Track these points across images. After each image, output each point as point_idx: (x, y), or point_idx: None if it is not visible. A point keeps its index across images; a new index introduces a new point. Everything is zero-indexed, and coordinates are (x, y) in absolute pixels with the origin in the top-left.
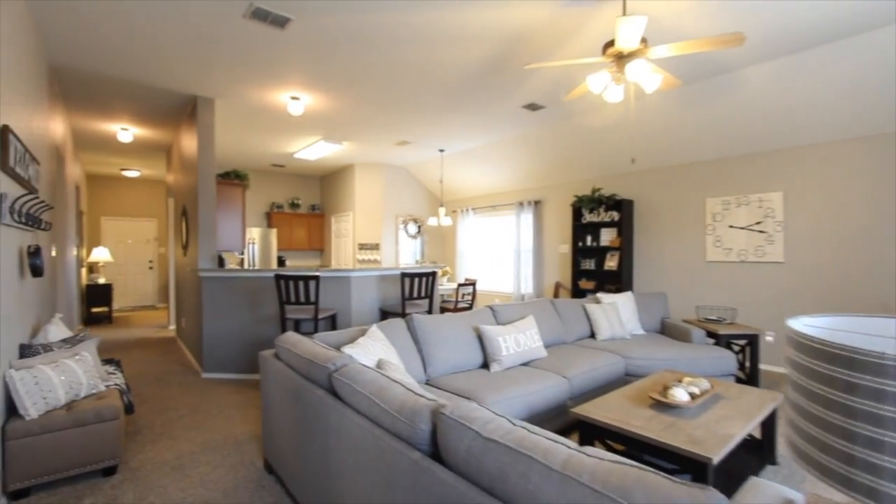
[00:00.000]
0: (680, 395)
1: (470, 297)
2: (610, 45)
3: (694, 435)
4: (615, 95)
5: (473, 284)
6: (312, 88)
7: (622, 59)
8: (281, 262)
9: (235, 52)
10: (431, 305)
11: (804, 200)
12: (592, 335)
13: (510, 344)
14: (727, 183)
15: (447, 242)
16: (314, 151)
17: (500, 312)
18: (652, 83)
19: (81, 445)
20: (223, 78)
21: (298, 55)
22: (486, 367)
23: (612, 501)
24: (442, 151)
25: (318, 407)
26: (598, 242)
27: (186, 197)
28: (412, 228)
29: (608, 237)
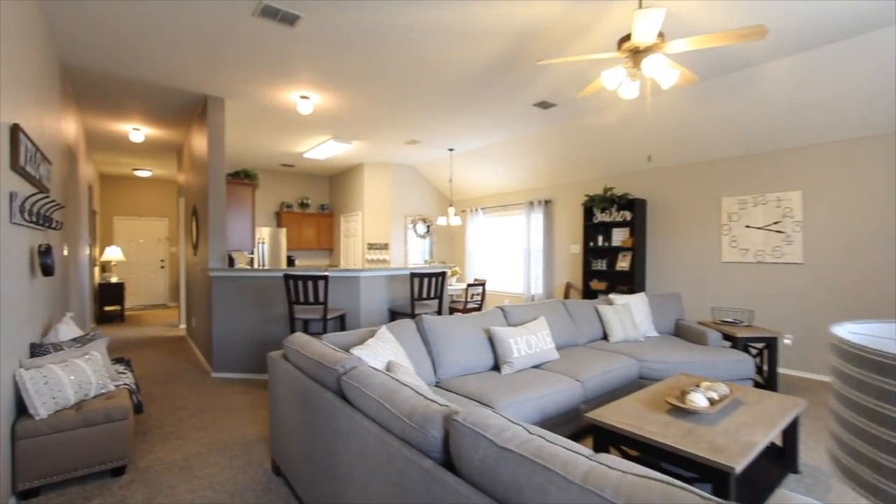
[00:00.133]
0: (698, 400)
1: (479, 297)
2: (625, 39)
3: (714, 442)
4: (630, 92)
5: (483, 285)
6: (322, 87)
7: (638, 54)
8: (290, 261)
9: (245, 50)
10: (441, 306)
11: (824, 200)
12: (605, 337)
13: (521, 346)
14: (744, 182)
15: (456, 242)
16: (323, 151)
17: (510, 313)
18: (669, 79)
19: (90, 445)
20: (233, 77)
21: (307, 53)
22: (496, 369)
23: None
24: (451, 151)
25: (326, 410)
26: (609, 242)
27: (197, 196)
28: (421, 228)
29: (620, 237)
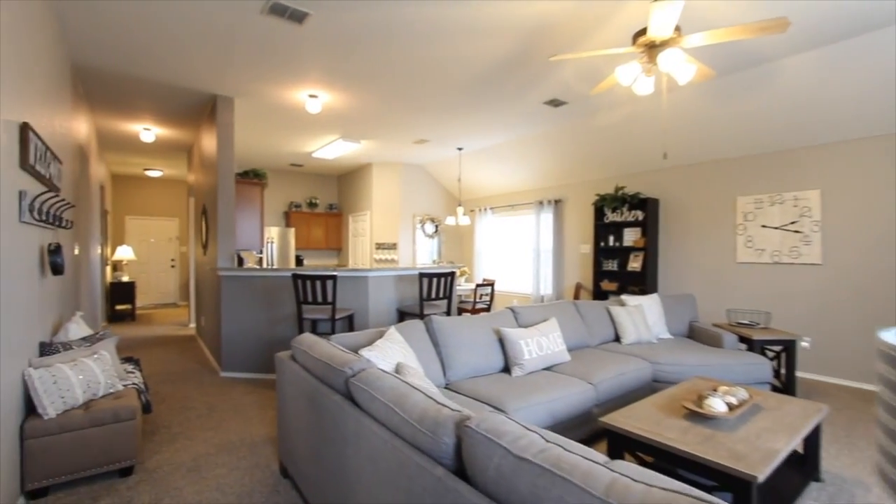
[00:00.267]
0: (717, 405)
1: (488, 297)
2: (641, 33)
3: (735, 450)
4: (645, 88)
5: (492, 285)
6: (330, 86)
7: (654, 48)
8: (299, 261)
9: (254, 49)
10: (450, 306)
11: (844, 199)
12: (617, 339)
13: (532, 348)
14: (760, 180)
15: (465, 242)
16: (332, 150)
17: (521, 314)
18: (685, 74)
19: (99, 445)
20: (242, 76)
21: (316, 51)
22: (507, 371)
23: None
24: (460, 150)
25: (334, 413)
26: (621, 243)
27: (206, 196)
28: (429, 228)
29: (632, 237)
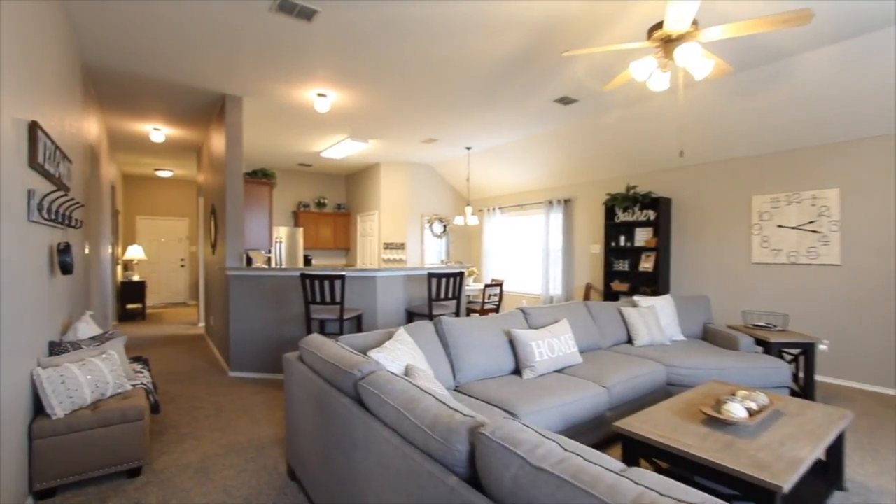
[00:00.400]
0: (737, 410)
1: (497, 298)
2: (657, 28)
3: (757, 457)
4: (660, 83)
5: (500, 285)
6: (339, 84)
7: (670, 42)
8: (307, 261)
9: (262, 47)
10: (459, 307)
11: (864, 198)
12: (629, 341)
13: (544, 350)
14: (776, 179)
15: (473, 242)
16: (340, 150)
17: (531, 315)
18: (702, 69)
19: (106, 446)
20: (251, 75)
21: (325, 49)
22: (517, 373)
23: None
24: (469, 149)
25: (343, 416)
26: (632, 243)
27: (215, 196)
28: (438, 228)
29: (643, 237)
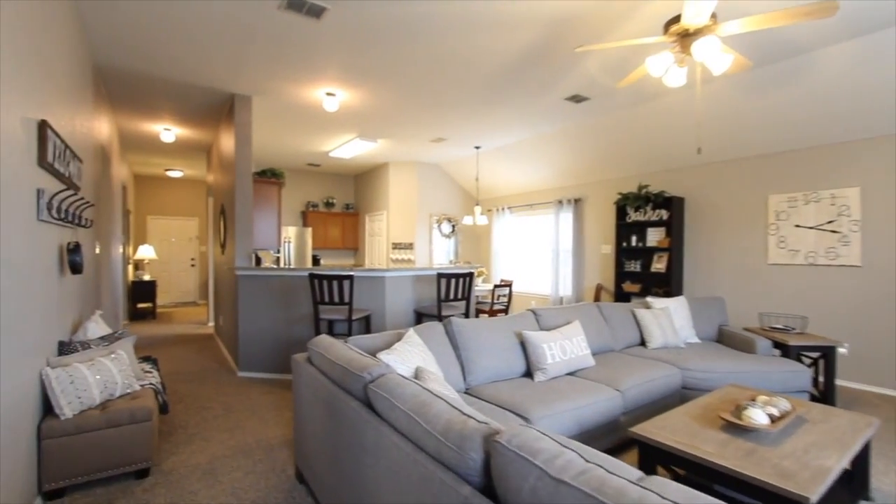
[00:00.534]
0: (758, 416)
1: (506, 298)
2: (674, 22)
3: (781, 466)
4: (677, 79)
5: (509, 286)
6: (348, 83)
7: (687, 37)
8: (316, 261)
9: (271, 46)
10: (468, 308)
11: (886, 197)
12: (642, 343)
13: (556, 352)
14: (794, 178)
15: (482, 242)
16: (349, 150)
17: (543, 317)
18: (721, 64)
19: (115, 447)
20: (260, 74)
21: (333, 47)
22: (529, 375)
23: None
24: (478, 148)
25: (352, 420)
26: (644, 243)
27: (225, 196)
28: (446, 228)
29: (655, 237)
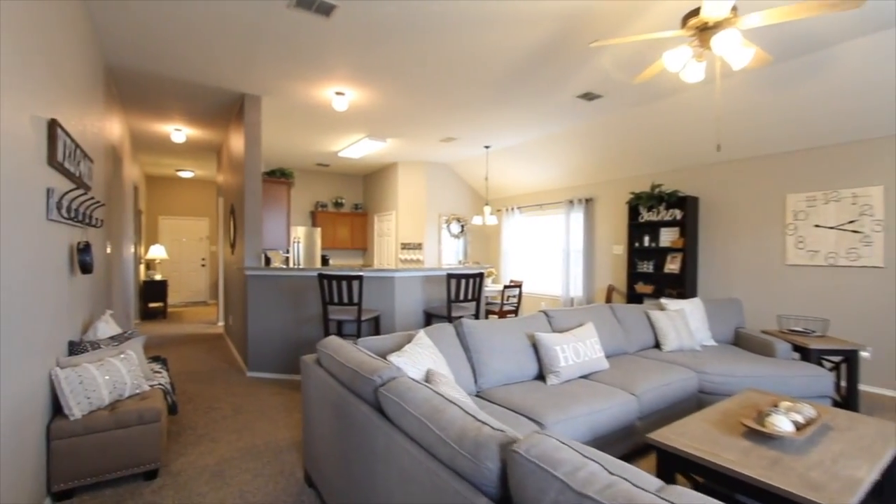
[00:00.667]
0: (782, 423)
1: (515, 299)
2: (692, 15)
3: (808, 477)
4: (695, 74)
5: (519, 286)
6: (357, 82)
7: (706, 31)
8: (325, 261)
9: (281, 45)
10: (479, 308)
11: None
12: (657, 345)
13: (569, 354)
14: (813, 176)
15: (491, 242)
16: (358, 149)
17: (555, 318)
18: (741, 58)
19: (123, 448)
20: (269, 73)
21: (343, 46)
22: (541, 378)
23: None
24: (487, 148)
25: (362, 424)
26: (657, 243)
27: (234, 196)
28: (455, 228)
29: (669, 237)
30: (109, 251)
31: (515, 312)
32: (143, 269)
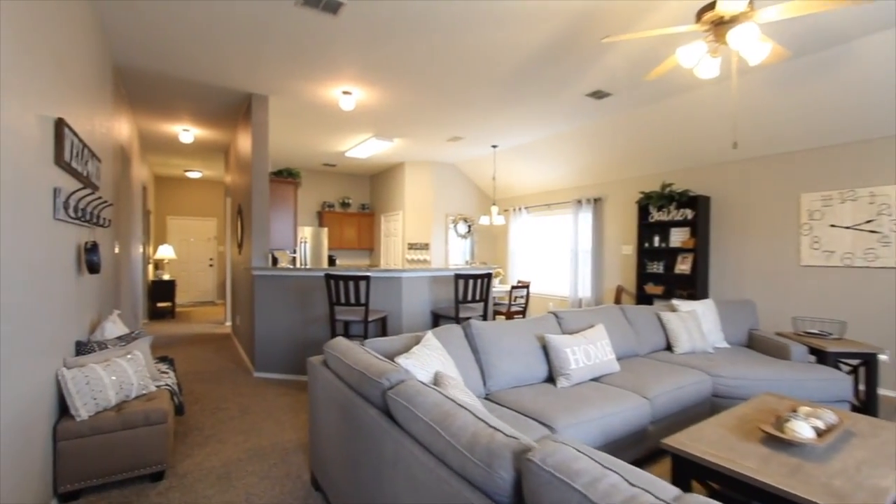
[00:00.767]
0: (803, 429)
1: (523, 300)
2: (708, 9)
3: (832, 486)
4: (709, 71)
5: (527, 287)
6: (364, 81)
7: (722, 25)
8: (331, 261)
9: (288, 43)
10: (486, 309)
11: None
12: (668, 347)
13: (580, 356)
14: (828, 175)
15: (498, 242)
16: (365, 149)
17: (565, 319)
18: (758, 54)
19: (130, 449)
20: (276, 73)
21: (351, 44)
22: (551, 381)
23: None
24: (495, 147)
25: (370, 429)
26: (667, 243)
27: (242, 196)
28: (462, 228)
29: (679, 237)
30: (118, 251)
31: (523, 313)
32: (151, 268)
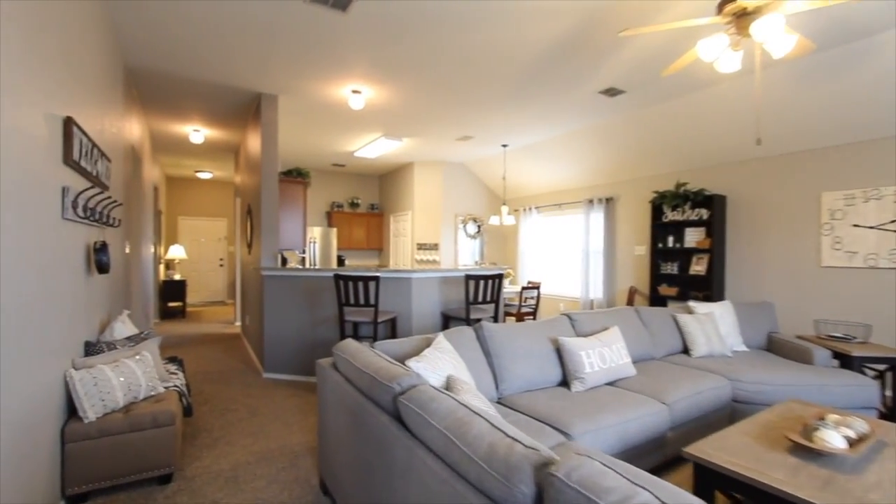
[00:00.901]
0: (833, 439)
1: (534, 301)
2: (729, 0)
3: (868, 500)
4: (731, 64)
5: (538, 288)
6: (374, 80)
7: (745, 17)
8: (340, 261)
9: (297, 41)
10: (497, 311)
11: None
12: (684, 350)
13: (594, 360)
14: (851, 174)
15: (508, 243)
16: (374, 149)
17: (578, 322)
18: (783, 46)
19: (138, 451)
20: (285, 72)
21: (360, 42)
22: (565, 384)
23: None
24: (505, 147)
25: (381, 435)
26: (681, 244)
27: (251, 196)
28: (472, 228)
29: (694, 238)
30: (128, 251)
31: (533, 315)
32: (162, 268)
